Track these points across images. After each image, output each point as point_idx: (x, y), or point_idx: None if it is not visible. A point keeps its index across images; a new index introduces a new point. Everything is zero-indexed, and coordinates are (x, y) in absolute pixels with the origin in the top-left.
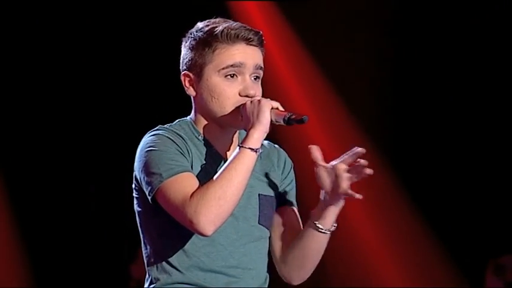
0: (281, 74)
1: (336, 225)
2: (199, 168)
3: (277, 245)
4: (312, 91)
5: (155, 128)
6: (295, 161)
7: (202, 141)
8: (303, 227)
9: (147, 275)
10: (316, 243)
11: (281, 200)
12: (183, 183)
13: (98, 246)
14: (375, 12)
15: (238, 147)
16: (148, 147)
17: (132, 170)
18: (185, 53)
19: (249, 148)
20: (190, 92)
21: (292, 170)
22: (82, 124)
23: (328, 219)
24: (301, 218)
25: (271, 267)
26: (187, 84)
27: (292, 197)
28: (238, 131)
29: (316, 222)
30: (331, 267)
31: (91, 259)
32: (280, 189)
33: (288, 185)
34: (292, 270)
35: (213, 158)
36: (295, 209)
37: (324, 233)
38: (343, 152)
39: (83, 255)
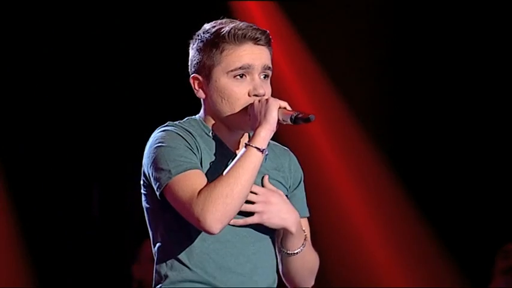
0: (283, 73)
1: (303, 244)
2: (209, 165)
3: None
4: (314, 90)
5: (165, 124)
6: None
7: (212, 138)
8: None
9: (154, 273)
10: (291, 263)
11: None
12: (191, 181)
13: (100, 246)
14: (376, 11)
15: (245, 146)
16: (158, 143)
17: (136, 170)
18: (193, 55)
19: (256, 147)
20: (200, 94)
21: (302, 180)
22: (85, 123)
23: (287, 242)
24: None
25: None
26: (196, 86)
27: (302, 207)
28: (246, 133)
29: (280, 245)
30: (332, 267)
31: (93, 259)
32: (289, 195)
33: (299, 194)
34: (290, 283)
35: (222, 155)
36: (305, 219)
37: (291, 254)
38: (344, 150)
39: (85, 255)
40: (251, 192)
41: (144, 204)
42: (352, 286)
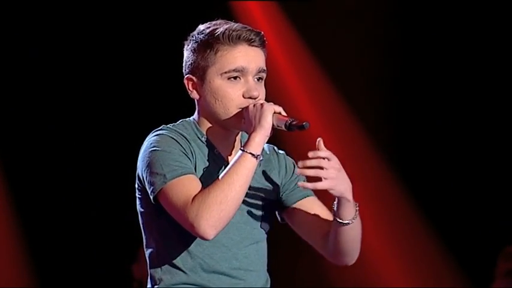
0: (284, 74)
1: (356, 213)
2: (202, 170)
3: (317, 238)
4: (314, 90)
5: (159, 128)
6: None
7: (205, 143)
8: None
9: (149, 276)
10: (344, 235)
11: (295, 196)
12: (186, 186)
13: (100, 246)
14: (377, 11)
15: (240, 151)
16: (153, 147)
17: (134, 170)
18: (187, 56)
19: (250, 153)
20: (194, 95)
21: (295, 166)
22: (84, 124)
23: (343, 211)
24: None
25: (271, 269)
26: (190, 87)
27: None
28: (240, 133)
29: (336, 216)
30: (333, 267)
31: (93, 259)
32: (288, 188)
33: (298, 181)
34: (340, 258)
35: (215, 160)
36: (315, 197)
37: (346, 224)
38: (345, 150)
39: (85, 255)
40: (319, 157)
41: (139, 208)
42: (352, 286)
